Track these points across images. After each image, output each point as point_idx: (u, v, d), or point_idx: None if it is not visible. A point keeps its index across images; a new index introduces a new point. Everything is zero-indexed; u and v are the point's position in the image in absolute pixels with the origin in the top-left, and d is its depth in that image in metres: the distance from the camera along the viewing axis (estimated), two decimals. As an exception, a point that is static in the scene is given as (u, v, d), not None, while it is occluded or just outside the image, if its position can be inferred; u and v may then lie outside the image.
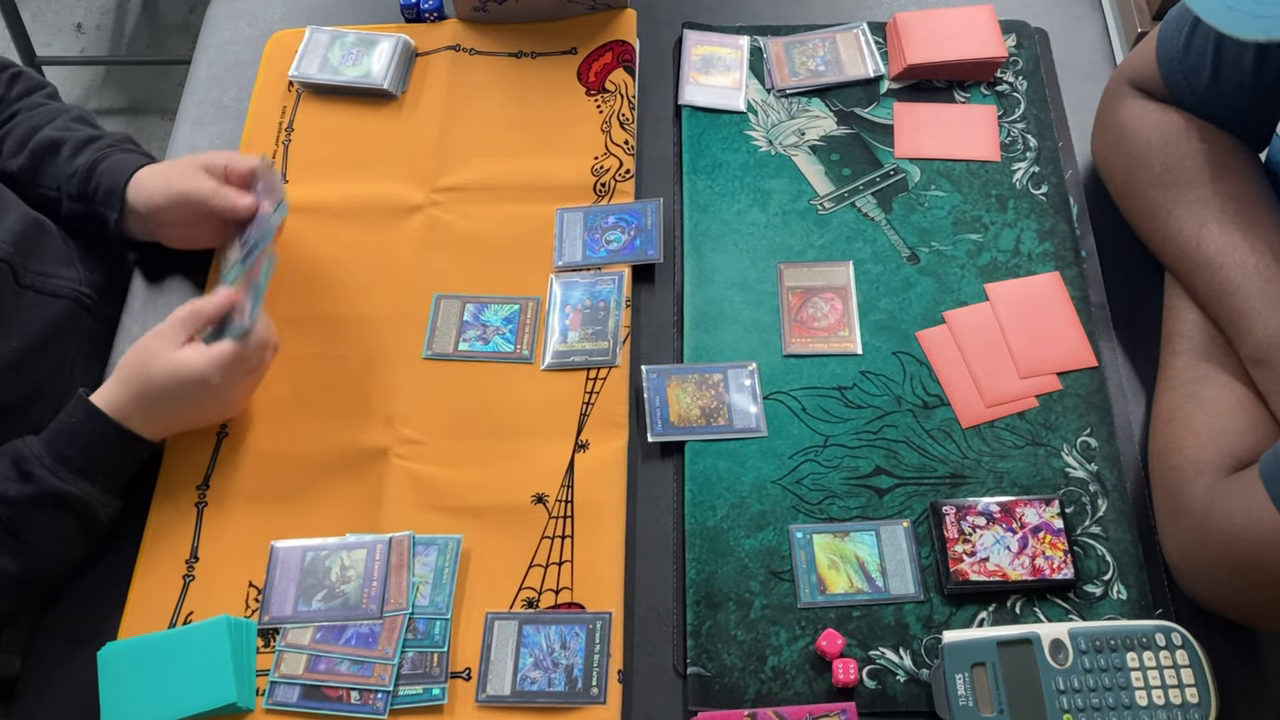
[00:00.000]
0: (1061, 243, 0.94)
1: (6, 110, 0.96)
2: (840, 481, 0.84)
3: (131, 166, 0.92)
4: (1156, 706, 0.72)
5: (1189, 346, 0.82)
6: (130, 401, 0.81)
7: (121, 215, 0.91)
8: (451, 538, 0.81)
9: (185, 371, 0.80)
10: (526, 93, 1.04)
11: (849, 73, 1.03)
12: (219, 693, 0.74)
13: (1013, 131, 1.00)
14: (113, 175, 0.91)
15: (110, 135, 0.96)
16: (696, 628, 0.78)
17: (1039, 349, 0.88)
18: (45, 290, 0.89)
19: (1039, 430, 0.85)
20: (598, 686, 0.76)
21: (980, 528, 0.80)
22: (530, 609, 0.79)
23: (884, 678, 0.76)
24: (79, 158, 0.93)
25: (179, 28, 2.26)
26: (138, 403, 0.81)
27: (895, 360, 0.89)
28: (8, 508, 0.77)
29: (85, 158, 0.92)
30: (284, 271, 0.95)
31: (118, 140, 0.96)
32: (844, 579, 0.80)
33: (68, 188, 0.92)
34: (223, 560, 0.82)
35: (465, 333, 0.91)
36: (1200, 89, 0.84)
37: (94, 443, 0.80)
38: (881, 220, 0.96)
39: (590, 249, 0.94)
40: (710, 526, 0.82)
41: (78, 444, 0.79)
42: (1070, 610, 0.78)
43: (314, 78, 1.04)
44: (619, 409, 0.87)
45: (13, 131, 0.95)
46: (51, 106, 0.98)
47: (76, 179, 0.92)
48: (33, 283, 0.87)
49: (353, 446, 0.86)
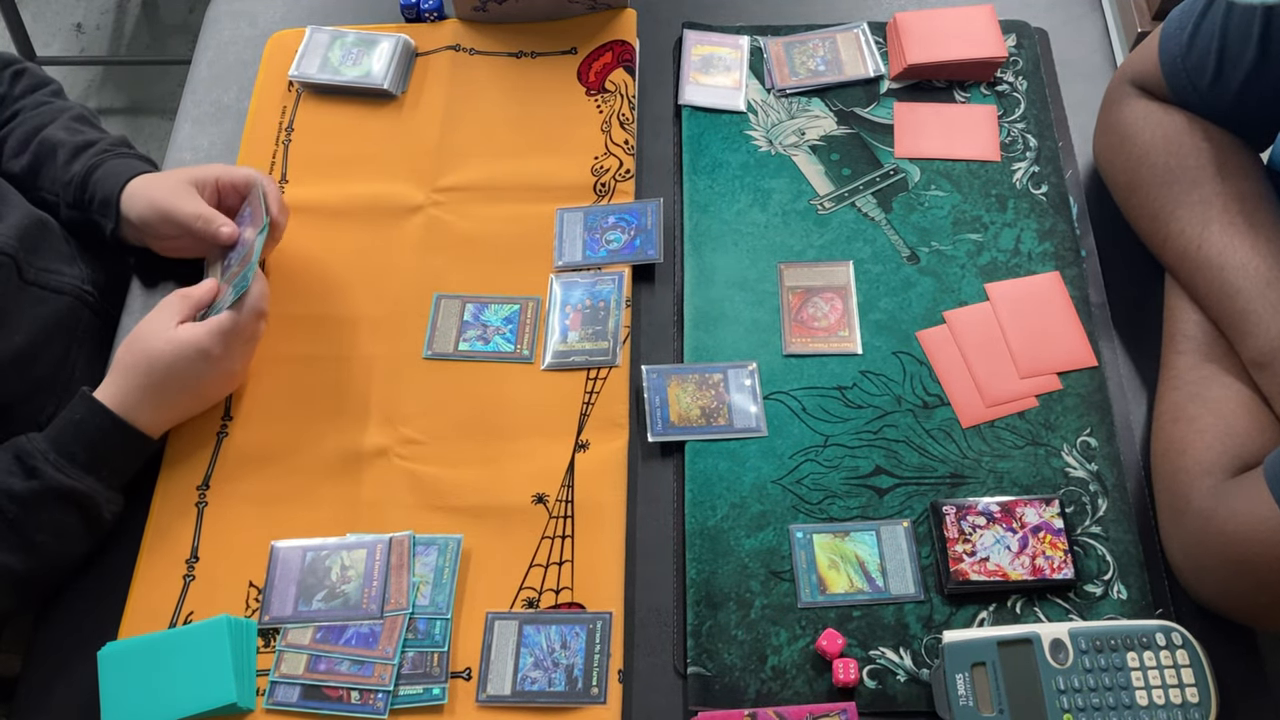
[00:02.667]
0: (1061, 242, 0.94)
1: (9, 109, 0.96)
2: (840, 481, 0.84)
3: (126, 175, 0.91)
4: (1156, 706, 0.72)
5: (1191, 346, 0.82)
6: (133, 392, 0.81)
7: (117, 224, 0.91)
8: (451, 538, 0.81)
9: (186, 345, 0.81)
10: (526, 93, 1.04)
11: (849, 73, 1.03)
12: (219, 693, 0.74)
13: (1013, 131, 1.00)
14: (107, 184, 0.91)
15: (107, 139, 0.96)
16: (697, 628, 0.78)
17: (1039, 349, 0.88)
18: (48, 286, 0.89)
19: (1039, 430, 0.85)
20: (598, 686, 0.76)
21: (980, 527, 0.80)
22: (530, 609, 0.79)
23: (884, 678, 0.76)
24: (75, 164, 0.92)
25: (179, 28, 2.26)
26: (140, 391, 0.81)
27: (895, 360, 0.89)
28: (12, 503, 0.77)
29: (81, 164, 0.92)
30: (284, 271, 0.95)
31: (114, 144, 0.95)
32: (844, 579, 0.80)
33: (64, 195, 0.92)
34: (223, 560, 0.82)
35: (465, 333, 0.91)
36: (1203, 89, 0.84)
37: (98, 438, 0.80)
38: (881, 220, 0.96)
39: (590, 249, 0.94)
40: (710, 526, 0.82)
41: (82, 440, 0.79)
42: (1070, 610, 0.78)
43: (314, 78, 1.04)
44: (619, 409, 0.87)
45: (15, 131, 0.95)
46: (55, 105, 0.97)
47: (73, 186, 0.92)
48: (36, 278, 0.88)
49: (353, 447, 0.86)
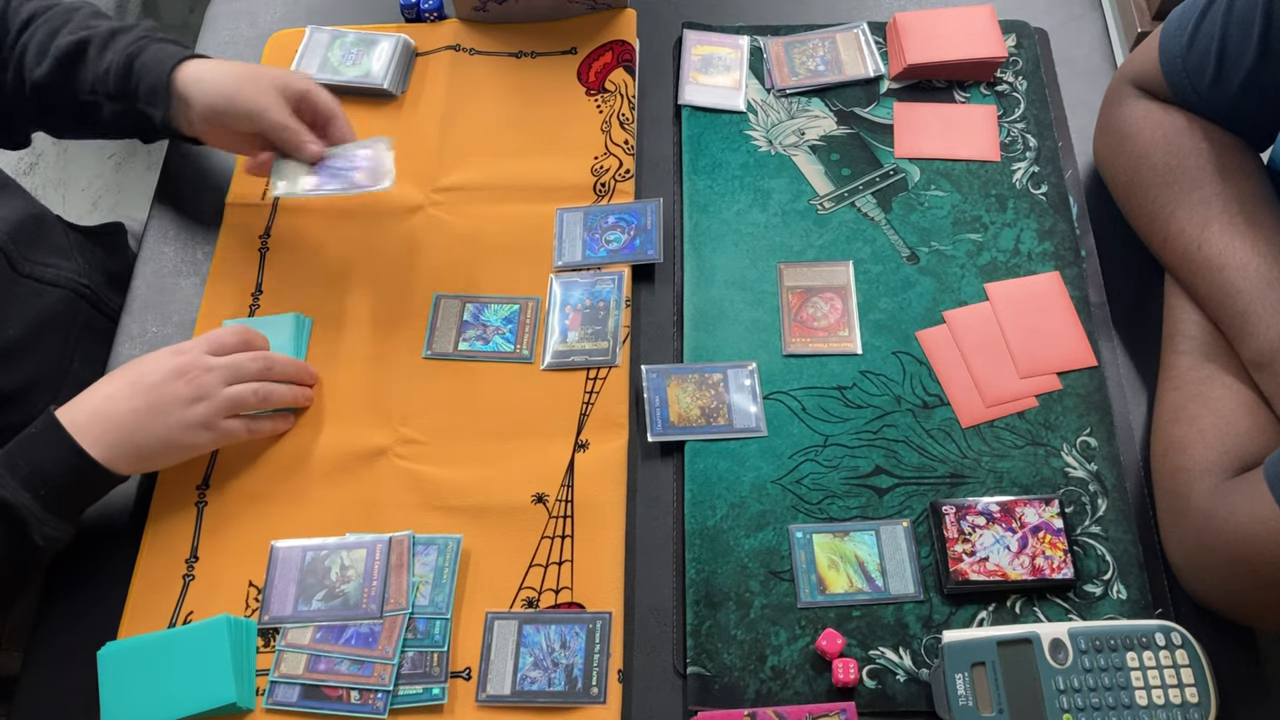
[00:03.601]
0: (1061, 242, 0.94)
1: (18, 19, 0.91)
2: (840, 481, 0.84)
3: (172, 60, 0.87)
4: (1156, 706, 0.72)
5: (1192, 346, 0.82)
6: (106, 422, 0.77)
7: (168, 111, 0.87)
8: (451, 538, 0.81)
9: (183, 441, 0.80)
10: (526, 93, 1.04)
11: (849, 73, 1.03)
12: (219, 692, 0.74)
13: (1012, 131, 1.00)
14: (154, 71, 0.87)
15: (140, 26, 0.91)
16: (696, 627, 0.78)
17: (1039, 349, 0.88)
18: (44, 279, 0.88)
19: (1039, 430, 0.85)
20: (598, 686, 0.76)
21: (980, 527, 0.80)
22: (530, 609, 0.79)
23: (884, 677, 0.76)
24: (108, 53, 0.87)
25: (179, 28, 2.25)
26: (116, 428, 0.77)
27: (895, 360, 0.89)
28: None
29: (116, 54, 0.87)
30: (284, 271, 0.95)
31: (148, 31, 0.90)
32: (844, 579, 0.80)
33: (103, 88, 0.87)
34: (223, 560, 0.82)
35: (465, 333, 0.91)
36: (1203, 88, 0.84)
37: (45, 455, 0.75)
38: (881, 220, 0.96)
39: (590, 249, 0.94)
40: (710, 526, 0.82)
41: (29, 454, 0.75)
42: (1070, 610, 0.78)
43: (314, 77, 1.04)
44: (619, 409, 0.87)
45: (33, 39, 0.89)
46: (63, 6, 0.92)
47: (112, 76, 0.87)
48: (31, 271, 0.87)
49: (353, 446, 0.86)
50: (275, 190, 0.87)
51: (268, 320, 0.92)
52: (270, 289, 0.94)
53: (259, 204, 0.99)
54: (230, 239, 0.97)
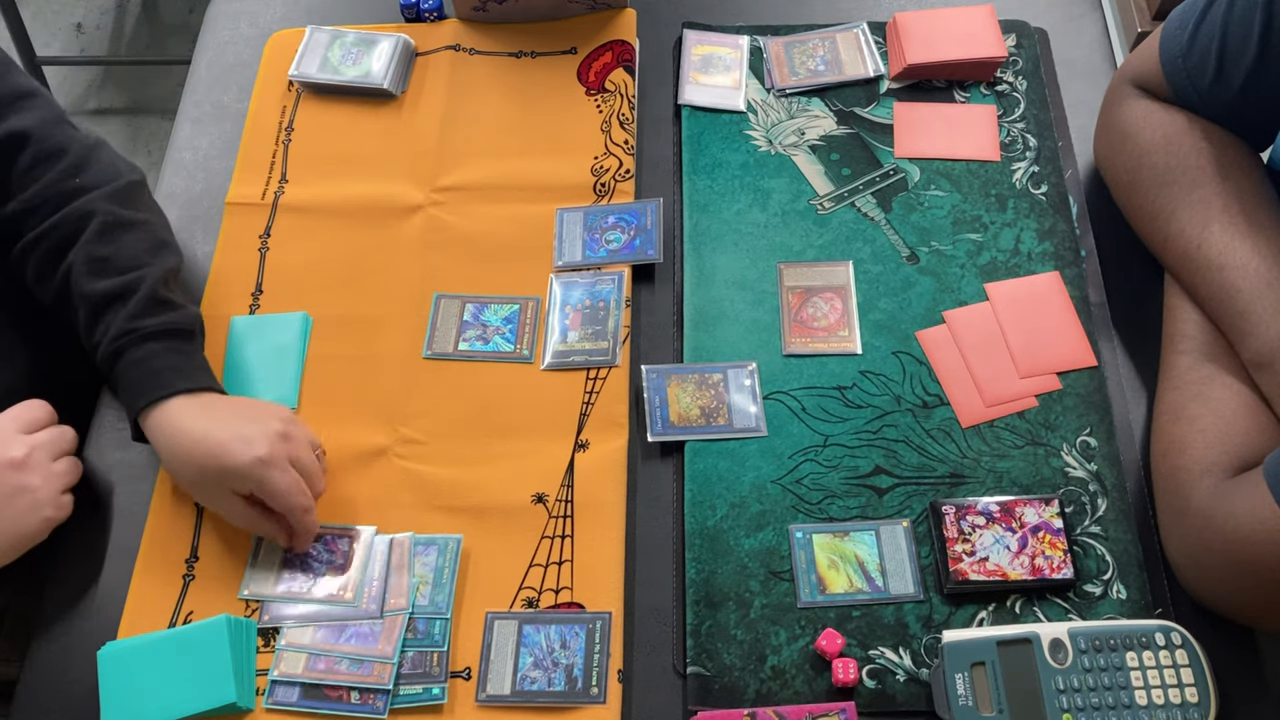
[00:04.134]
0: (1061, 242, 0.94)
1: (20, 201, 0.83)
2: (840, 481, 0.84)
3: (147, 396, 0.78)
4: (1156, 706, 0.72)
5: (1192, 346, 0.82)
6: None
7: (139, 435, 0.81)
8: (451, 538, 0.81)
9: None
10: (526, 93, 1.04)
11: (849, 72, 1.03)
12: (219, 692, 0.74)
13: (1012, 131, 1.00)
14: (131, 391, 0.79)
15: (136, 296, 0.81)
16: (696, 627, 0.78)
17: (1039, 349, 0.88)
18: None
19: (1039, 430, 0.85)
20: (597, 686, 0.76)
21: (980, 527, 0.80)
22: (530, 609, 0.79)
23: (884, 677, 0.76)
24: (97, 330, 0.81)
25: (179, 28, 2.26)
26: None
27: (895, 360, 0.89)
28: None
29: (105, 341, 0.80)
30: (284, 271, 0.95)
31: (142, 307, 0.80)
32: (844, 579, 0.80)
33: (91, 355, 0.82)
34: (223, 560, 0.82)
35: (465, 332, 0.91)
36: (1203, 88, 0.84)
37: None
38: (881, 220, 0.96)
39: (590, 249, 0.94)
40: (710, 526, 0.82)
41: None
42: (1070, 610, 0.78)
43: (314, 77, 1.04)
44: (619, 409, 0.87)
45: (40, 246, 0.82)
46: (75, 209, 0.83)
47: (98, 358, 0.81)
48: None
49: (353, 446, 0.86)
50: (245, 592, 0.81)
51: (272, 319, 0.92)
52: (270, 289, 0.94)
53: (259, 204, 0.99)
54: (230, 239, 0.97)
